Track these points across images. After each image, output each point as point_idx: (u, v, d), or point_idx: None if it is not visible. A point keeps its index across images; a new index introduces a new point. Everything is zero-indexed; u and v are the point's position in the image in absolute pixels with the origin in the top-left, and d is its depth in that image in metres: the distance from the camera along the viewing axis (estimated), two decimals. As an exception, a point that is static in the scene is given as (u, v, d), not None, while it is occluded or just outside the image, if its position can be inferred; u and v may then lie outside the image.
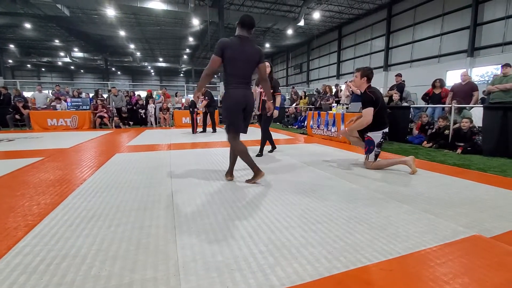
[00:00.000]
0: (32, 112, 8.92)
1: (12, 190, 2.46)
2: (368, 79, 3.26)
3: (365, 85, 3.26)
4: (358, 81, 3.31)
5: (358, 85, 3.33)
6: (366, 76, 3.25)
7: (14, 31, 22.86)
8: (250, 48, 2.47)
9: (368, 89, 3.24)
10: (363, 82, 3.27)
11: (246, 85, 2.55)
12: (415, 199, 2.24)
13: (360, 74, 3.28)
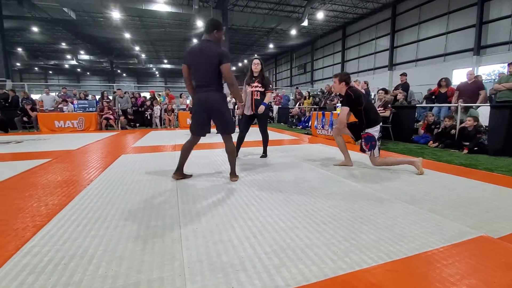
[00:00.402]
0: (39, 114, 9.06)
1: (20, 191, 2.50)
2: (346, 83, 3.31)
3: (344, 88, 3.29)
4: (338, 86, 3.35)
5: (338, 90, 3.38)
6: (344, 81, 3.30)
7: (22, 34, 23.26)
8: (210, 51, 2.48)
9: (348, 89, 3.28)
10: (342, 86, 3.32)
11: (209, 87, 2.55)
12: (421, 200, 2.22)
13: (338, 79, 3.34)
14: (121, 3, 15.88)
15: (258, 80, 3.76)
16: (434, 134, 5.60)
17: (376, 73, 19.39)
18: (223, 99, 2.65)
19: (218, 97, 2.59)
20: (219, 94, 2.60)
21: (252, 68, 3.79)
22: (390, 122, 6.18)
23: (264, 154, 4.13)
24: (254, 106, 3.77)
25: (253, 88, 3.75)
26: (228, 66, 2.49)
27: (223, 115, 2.64)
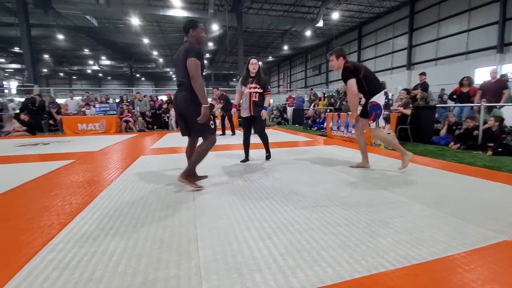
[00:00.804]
0: (64, 117, 9.51)
1: (46, 191, 2.63)
2: (343, 57, 3.14)
3: (343, 63, 3.14)
4: (336, 63, 3.15)
5: (338, 66, 3.17)
6: (341, 55, 3.13)
7: (47, 42, 24.54)
8: (181, 49, 2.45)
9: (345, 63, 3.13)
10: (341, 61, 3.13)
11: (181, 87, 2.49)
12: (442, 203, 2.13)
13: (335, 56, 3.14)
14: (140, 10, 16.44)
15: (256, 81, 3.57)
16: (456, 135, 5.38)
17: (393, 73, 18.87)
18: (192, 99, 2.45)
19: (185, 97, 2.47)
20: (188, 94, 2.45)
21: (249, 68, 3.58)
22: (409, 123, 5.99)
23: (268, 154, 3.97)
24: (252, 108, 3.58)
25: (251, 90, 3.56)
26: (191, 61, 2.33)
27: (191, 116, 2.47)
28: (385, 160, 3.98)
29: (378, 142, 5.23)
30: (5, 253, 1.48)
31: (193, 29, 2.49)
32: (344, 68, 3.09)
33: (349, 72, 3.06)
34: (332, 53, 3.17)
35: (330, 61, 3.20)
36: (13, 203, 2.34)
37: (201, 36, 2.54)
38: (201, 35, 2.53)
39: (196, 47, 2.43)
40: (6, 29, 18.70)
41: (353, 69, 3.05)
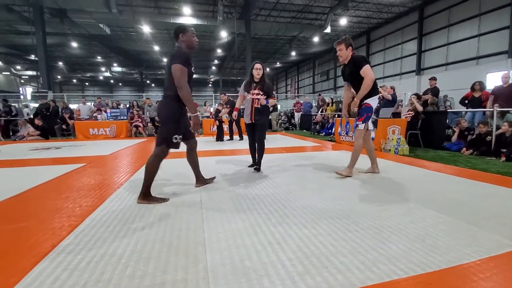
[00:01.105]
0: (76, 122, 9.73)
1: (58, 193, 2.68)
2: (352, 48, 3.03)
3: (351, 54, 3.04)
4: (345, 52, 3.01)
5: (346, 57, 3.03)
6: (351, 45, 3.01)
7: (62, 49, 25.35)
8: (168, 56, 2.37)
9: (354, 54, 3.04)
10: (349, 52, 3.01)
11: (164, 93, 2.40)
12: (455, 209, 2.07)
13: (344, 45, 2.98)
14: (151, 18, 16.85)
15: (259, 87, 3.38)
16: (468, 140, 5.25)
17: (403, 78, 18.67)
18: (167, 106, 2.34)
19: (162, 103, 2.37)
20: (166, 100, 2.34)
21: (253, 73, 3.38)
22: (419, 128, 5.89)
23: (258, 167, 3.56)
24: (254, 115, 3.39)
25: (254, 96, 3.38)
26: (175, 67, 2.20)
27: (163, 123, 2.37)
28: (395, 165, 3.91)
29: (388, 147, 5.15)
30: (17, 254, 1.50)
31: (183, 33, 2.38)
32: (358, 56, 3.01)
33: (364, 59, 2.98)
34: (341, 41, 3.01)
35: (338, 50, 3.03)
36: (26, 204, 2.39)
37: (192, 40, 2.42)
38: (191, 39, 2.41)
39: (183, 52, 2.31)
40: (23, 37, 19.43)
41: (365, 58, 2.99)
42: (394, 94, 7.19)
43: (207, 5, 17.19)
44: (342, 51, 3.02)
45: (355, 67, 2.98)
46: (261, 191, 2.68)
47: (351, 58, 3.03)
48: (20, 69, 31.18)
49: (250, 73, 3.45)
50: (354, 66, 2.98)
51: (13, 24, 18.05)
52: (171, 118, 2.31)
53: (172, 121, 2.31)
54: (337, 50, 3.03)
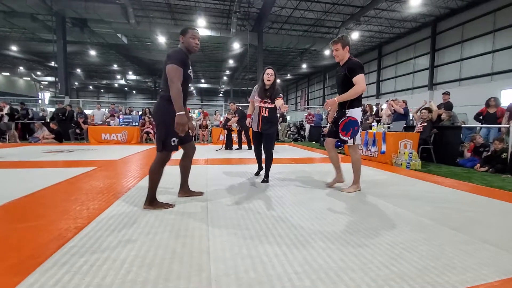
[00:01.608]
0: (90, 127, 9.96)
1: (68, 195, 2.71)
2: (349, 48, 2.83)
3: (347, 55, 2.84)
4: (342, 52, 2.81)
5: (342, 57, 2.84)
6: (348, 44, 2.81)
7: (81, 57, 26.38)
8: None
9: (351, 57, 2.85)
10: (346, 52, 2.81)
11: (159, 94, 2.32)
12: (471, 227, 1.97)
13: (341, 45, 2.78)
14: (167, 29, 17.42)
15: (268, 95, 3.26)
16: (483, 157, 5.08)
17: (414, 92, 18.47)
18: (161, 108, 2.25)
19: (157, 105, 2.29)
20: (161, 102, 2.25)
21: (264, 78, 3.26)
22: (432, 143, 5.74)
23: (266, 179, 3.44)
24: (262, 124, 3.33)
25: (262, 104, 3.30)
26: (170, 67, 2.13)
27: (158, 127, 2.30)
28: (407, 180, 3.80)
29: (399, 161, 5.03)
30: (23, 253, 1.50)
31: (183, 35, 2.32)
32: (355, 61, 2.79)
33: (361, 66, 2.76)
34: (337, 41, 2.80)
35: (335, 50, 2.83)
36: (36, 205, 2.42)
37: (190, 42, 2.31)
38: (189, 41, 2.31)
39: (179, 53, 2.23)
40: (44, 45, 20.35)
41: (362, 66, 2.80)
42: (406, 108, 7.10)
43: (221, 18, 17.66)
44: (339, 51, 2.82)
45: (349, 72, 2.78)
46: (268, 201, 2.63)
47: (346, 61, 2.83)
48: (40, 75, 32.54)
49: (261, 79, 3.34)
50: (348, 70, 2.78)
51: (36, 33, 18.98)
52: (166, 121, 2.21)
53: (167, 124, 2.20)
54: (333, 49, 2.85)
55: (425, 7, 14.90)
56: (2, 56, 24.88)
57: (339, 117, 2.94)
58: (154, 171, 2.31)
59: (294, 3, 15.37)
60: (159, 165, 2.31)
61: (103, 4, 14.41)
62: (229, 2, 15.41)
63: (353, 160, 3.01)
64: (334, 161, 3.19)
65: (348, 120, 2.83)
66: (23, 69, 30.62)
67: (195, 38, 2.35)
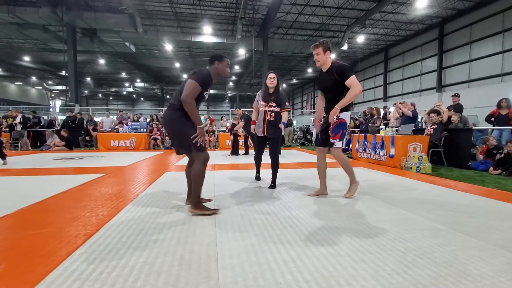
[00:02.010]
0: (99, 134, 10.14)
1: (77, 202, 2.74)
2: (330, 52, 2.74)
3: (329, 60, 2.75)
4: (323, 57, 2.72)
5: (323, 62, 2.75)
6: (329, 49, 2.72)
7: (90, 66, 27.00)
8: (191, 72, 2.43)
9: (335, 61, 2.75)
10: (327, 56, 2.72)
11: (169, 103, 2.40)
12: (486, 233, 1.91)
13: (322, 49, 2.68)
14: (174, 37, 17.73)
15: (273, 98, 3.31)
16: (496, 160, 4.95)
17: (422, 95, 18.22)
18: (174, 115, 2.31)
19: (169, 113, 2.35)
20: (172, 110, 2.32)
21: (267, 83, 3.32)
22: (442, 146, 5.63)
23: (273, 184, 3.44)
24: (267, 128, 3.34)
25: (266, 108, 3.33)
26: (191, 82, 2.21)
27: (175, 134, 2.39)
28: (417, 184, 3.72)
29: (409, 165, 4.94)
30: (33, 260, 1.52)
31: (219, 61, 2.43)
32: (341, 64, 2.73)
33: (350, 68, 2.72)
34: (319, 45, 2.71)
35: (316, 54, 2.74)
36: (47, 211, 2.46)
37: (225, 70, 2.47)
38: (225, 68, 2.46)
39: (206, 75, 2.31)
40: (56, 55, 20.92)
41: (351, 67, 2.79)
42: (414, 111, 7.00)
43: (227, 24, 17.87)
44: (320, 55, 2.73)
45: (339, 76, 2.68)
46: (275, 206, 2.61)
47: (332, 65, 2.74)
48: (51, 84, 33.40)
49: (264, 83, 3.38)
50: (338, 74, 2.68)
51: (48, 43, 19.53)
52: (181, 127, 2.29)
53: (184, 129, 2.28)
54: (314, 54, 2.77)
55: (432, 9, 14.77)
56: (15, 66, 25.69)
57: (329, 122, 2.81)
58: (198, 174, 2.31)
59: (299, 8, 15.45)
60: (201, 166, 2.33)
61: (112, 14, 14.76)
62: (234, 9, 15.60)
63: (343, 163, 2.93)
64: (321, 171, 3.00)
65: (339, 122, 2.76)
66: (35, 79, 31.51)
67: (229, 66, 2.52)
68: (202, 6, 15.38)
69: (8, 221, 2.20)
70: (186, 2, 14.89)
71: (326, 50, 2.73)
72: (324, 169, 3.02)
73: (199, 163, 2.32)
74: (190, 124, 2.29)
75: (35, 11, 14.07)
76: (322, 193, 3.02)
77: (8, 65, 25.29)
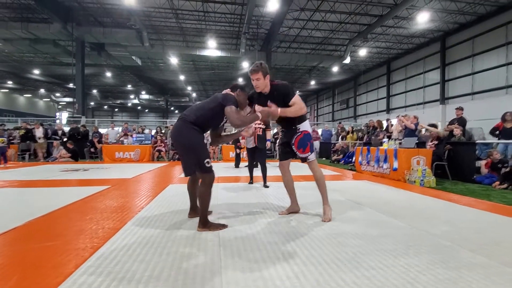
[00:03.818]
0: (104, 146, 10.27)
1: (83, 214, 2.79)
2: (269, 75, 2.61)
3: (268, 83, 2.61)
4: (264, 82, 2.56)
5: (265, 86, 2.60)
6: (268, 73, 2.58)
7: (97, 79, 27.63)
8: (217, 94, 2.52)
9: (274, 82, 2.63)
10: (267, 80, 2.58)
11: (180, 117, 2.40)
12: (491, 249, 1.91)
13: (262, 74, 2.52)
14: (179, 51, 18.19)
15: None
16: (501, 174, 4.91)
17: (426, 107, 18.25)
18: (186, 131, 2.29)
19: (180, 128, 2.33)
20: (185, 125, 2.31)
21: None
22: (446, 160, 5.62)
23: (266, 185, 4.46)
24: (257, 141, 4.48)
25: (256, 125, 4.33)
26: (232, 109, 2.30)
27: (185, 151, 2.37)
28: (421, 198, 3.71)
29: (412, 178, 4.93)
30: (42, 273, 1.55)
31: (241, 91, 2.56)
32: (284, 85, 2.63)
33: (291, 87, 2.66)
34: (257, 70, 2.52)
35: (255, 80, 2.56)
36: (55, 223, 2.51)
37: (244, 102, 2.59)
38: (244, 100, 2.58)
39: (234, 97, 2.43)
40: (64, 68, 21.48)
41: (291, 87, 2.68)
42: (417, 124, 7.02)
43: (231, 39, 18.30)
44: (260, 80, 2.55)
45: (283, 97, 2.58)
46: (278, 221, 2.63)
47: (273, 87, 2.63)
48: (59, 96, 34.08)
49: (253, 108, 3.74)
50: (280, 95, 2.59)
51: (57, 57, 20.13)
52: (193, 144, 2.30)
53: (195, 147, 2.30)
54: (253, 79, 2.58)
55: (433, 23, 15.01)
56: (25, 79, 26.37)
57: (291, 135, 2.71)
58: (203, 195, 2.34)
59: (302, 23, 15.81)
60: (207, 187, 2.34)
61: (119, 29, 15.24)
62: (239, 24, 16.01)
63: (317, 177, 2.72)
64: (289, 186, 2.88)
65: (302, 135, 2.65)
66: (43, 91, 32.23)
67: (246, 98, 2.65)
68: (207, 22, 15.83)
69: (18, 234, 2.25)
70: (191, 18, 15.34)
71: (266, 74, 2.56)
72: (291, 184, 2.88)
73: (204, 185, 2.34)
74: (202, 140, 2.36)
75: (46, 27, 14.59)
76: (294, 210, 2.89)
77: (19, 78, 25.98)
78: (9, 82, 27.39)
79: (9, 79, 26.43)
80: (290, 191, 2.90)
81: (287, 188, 2.90)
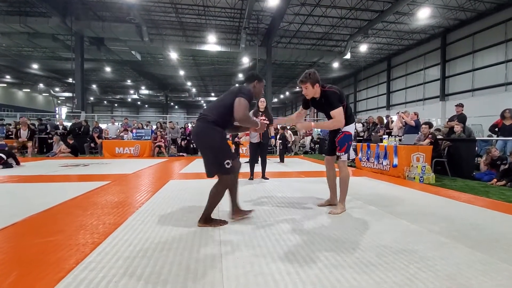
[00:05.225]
0: (104, 141, 10.26)
1: (84, 210, 2.79)
2: (319, 83, 2.66)
3: (319, 89, 2.67)
4: (312, 91, 2.65)
5: (313, 94, 2.69)
6: (317, 81, 2.63)
7: (97, 74, 27.51)
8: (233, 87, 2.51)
9: (324, 88, 2.67)
10: (317, 88, 2.65)
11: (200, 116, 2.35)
12: (490, 246, 1.92)
13: (310, 84, 2.61)
14: (179, 45, 18.07)
15: (265, 114, 4.63)
16: (501, 171, 4.93)
17: (426, 103, 18.23)
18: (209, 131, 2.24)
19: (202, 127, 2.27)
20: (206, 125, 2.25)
21: (259, 104, 4.64)
22: (446, 156, 5.63)
23: (265, 177, 4.80)
24: (262, 136, 4.68)
25: (261, 120, 4.37)
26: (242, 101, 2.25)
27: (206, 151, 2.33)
28: (421, 194, 3.73)
29: (412, 175, 4.94)
30: (44, 268, 1.56)
31: (258, 81, 2.51)
32: (331, 93, 2.65)
33: (338, 98, 2.64)
34: (306, 80, 2.62)
35: (304, 88, 2.67)
36: (55, 219, 2.51)
37: (261, 91, 2.59)
38: (261, 90, 2.57)
39: (250, 91, 2.37)
40: (63, 62, 21.39)
41: (340, 95, 2.68)
42: (417, 120, 7.01)
43: (231, 34, 18.18)
44: (308, 89, 2.66)
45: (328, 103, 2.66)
46: (278, 216, 2.64)
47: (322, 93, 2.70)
48: (58, 91, 33.95)
49: (256, 105, 4.65)
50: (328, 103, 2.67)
51: (56, 51, 20.02)
52: (214, 145, 2.25)
53: (216, 147, 2.25)
54: (302, 88, 2.71)
55: (434, 19, 14.92)
56: (24, 73, 26.24)
57: (335, 133, 2.82)
58: (215, 194, 2.31)
59: (302, 18, 15.69)
60: (222, 188, 2.32)
61: (119, 24, 15.13)
62: (239, 19, 15.89)
63: (342, 176, 2.83)
64: (331, 180, 3.02)
65: (343, 134, 2.74)
66: (42, 86, 32.10)
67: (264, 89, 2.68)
68: (207, 16, 15.71)
69: (18, 229, 2.26)
70: (191, 13, 15.21)
71: (315, 83, 2.63)
72: (334, 178, 3.01)
73: (220, 185, 2.31)
74: (224, 140, 2.28)
75: (45, 21, 14.48)
76: (332, 202, 3.02)
77: (17, 72, 25.86)
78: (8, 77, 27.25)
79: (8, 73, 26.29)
80: (331, 185, 3.05)
81: (329, 182, 3.05)
